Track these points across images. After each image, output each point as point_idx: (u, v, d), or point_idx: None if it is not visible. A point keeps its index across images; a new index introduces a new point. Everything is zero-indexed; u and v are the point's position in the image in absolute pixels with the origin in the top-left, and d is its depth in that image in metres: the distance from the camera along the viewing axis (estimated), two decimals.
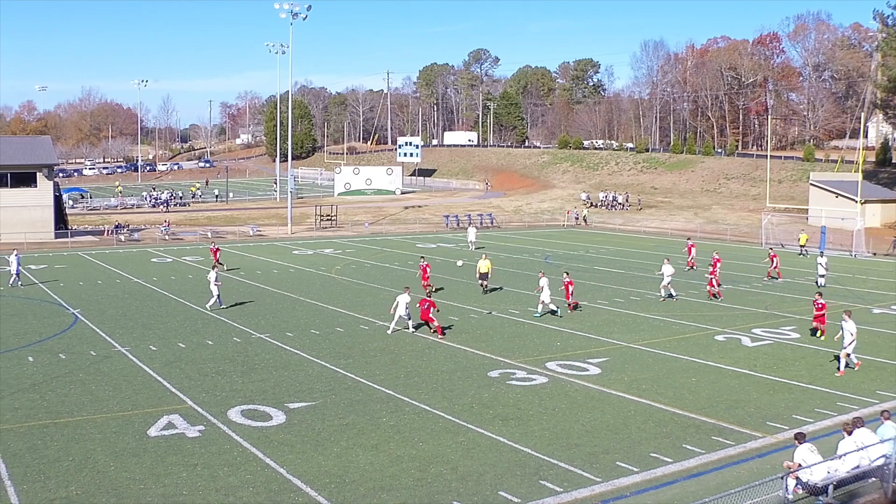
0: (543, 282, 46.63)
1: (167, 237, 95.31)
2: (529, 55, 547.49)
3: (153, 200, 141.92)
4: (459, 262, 63.95)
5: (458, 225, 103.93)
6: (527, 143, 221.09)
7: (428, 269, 54.11)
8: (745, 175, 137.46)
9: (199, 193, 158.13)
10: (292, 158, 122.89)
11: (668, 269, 50.29)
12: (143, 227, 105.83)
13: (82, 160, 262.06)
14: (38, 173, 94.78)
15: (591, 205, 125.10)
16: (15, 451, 25.60)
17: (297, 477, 23.05)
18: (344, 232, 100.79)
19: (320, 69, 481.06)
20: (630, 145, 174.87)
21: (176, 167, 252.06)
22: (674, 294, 50.88)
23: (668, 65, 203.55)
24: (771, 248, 64.67)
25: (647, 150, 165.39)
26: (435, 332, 40.82)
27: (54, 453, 25.40)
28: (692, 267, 63.93)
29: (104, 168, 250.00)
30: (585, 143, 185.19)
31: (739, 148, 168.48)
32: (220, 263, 63.72)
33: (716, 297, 51.31)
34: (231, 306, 48.76)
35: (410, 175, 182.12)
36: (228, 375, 33.93)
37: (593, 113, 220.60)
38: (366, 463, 24.01)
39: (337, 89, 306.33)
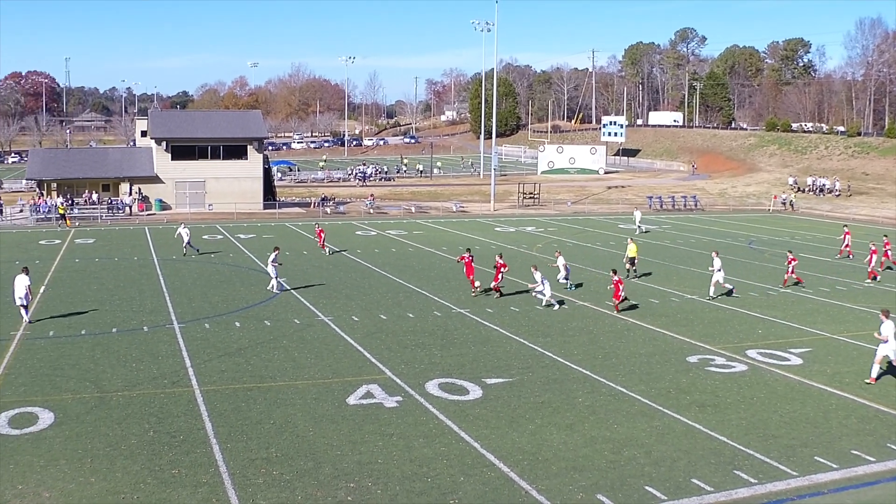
0: (560, 262, 47.08)
1: (372, 211, 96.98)
2: (737, 35, 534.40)
3: (359, 174, 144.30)
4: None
5: (661, 206, 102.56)
6: (733, 125, 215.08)
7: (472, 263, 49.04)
8: None
9: (405, 169, 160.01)
10: (496, 136, 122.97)
11: (717, 263, 46.61)
12: (348, 200, 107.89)
13: (291, 134, 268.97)
14: (248, 146, 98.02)
15: (799, 190, 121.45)
16: (221, 412, 26.65)
17: (491, 452, 23.25)
18: (546, 210, 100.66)
19: (525, 47, 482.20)
20: (841, 129, 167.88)
21: (381, 142, 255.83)
22: (732, 288, 47.22)
23: (885, 44, 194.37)
24: (872, 244, 59.65)
25: (859, 134, 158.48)
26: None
27: (257, 415, 26.30)
28: (849, 255, 61.35)
29: (311, 142, 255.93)
30: (794, 125, 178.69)
31: None
32: (324, 247, 63.83)
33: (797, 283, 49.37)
34: (433, 280, 49.21)
35: (614, 154, 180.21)
36: (427, 348, 34.43)
37: (803, 94, 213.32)
38: (559, 442, 24.03)
39: (542, 67, 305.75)
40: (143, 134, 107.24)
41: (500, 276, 44.97)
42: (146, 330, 38.53)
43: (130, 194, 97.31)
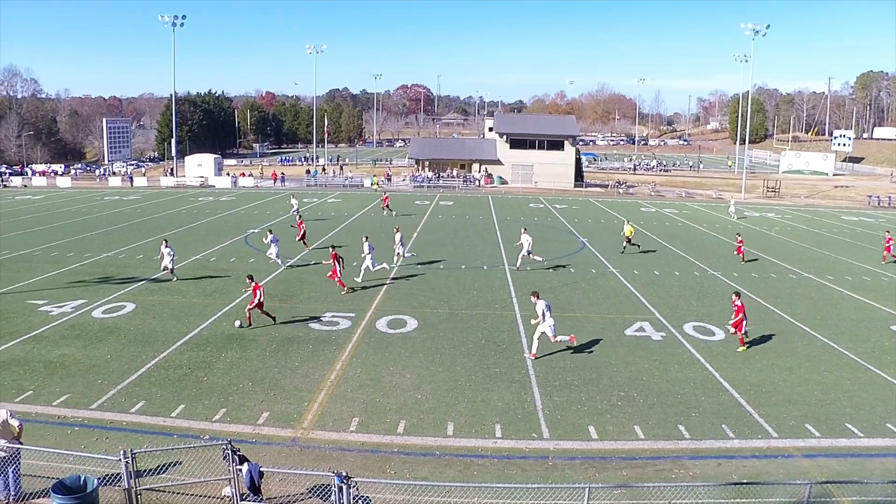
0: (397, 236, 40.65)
1: (653, 193, 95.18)
2: None
3: (645, 165, 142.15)
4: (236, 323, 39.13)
5: (878, 204, 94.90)
6: None
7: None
8: None
9: (669, 164, 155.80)
10: (748, 142, 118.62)
11: (526, 240, 39.61)
12: (635, 184, 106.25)
13: (596, 134, 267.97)
14: (565, 141, 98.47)
15: None
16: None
17: (727, 381, 22.50)
18: (784, 201, 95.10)
19: (774, 73, 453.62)
20: None
21: (662, 143, 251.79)
22: (520, 265, 39.60)
23: None
24: (888, 232, 49.05)
25: None
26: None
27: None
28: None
29: (611, 140, 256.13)
30: None
31: None
32: (390, 209, 63.82)
33: None
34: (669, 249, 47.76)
35: (842, 161, 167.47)
36: (687, 299, 33.54)
37: None
38: (780, 380, 22.88)
39: (786, 90, 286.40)
40: (490, 130, 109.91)
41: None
42: (485, 268, 39.50)
43: (479, 172, 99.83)
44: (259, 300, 27.06)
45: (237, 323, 27.46)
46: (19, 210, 67.46)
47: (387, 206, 65.02)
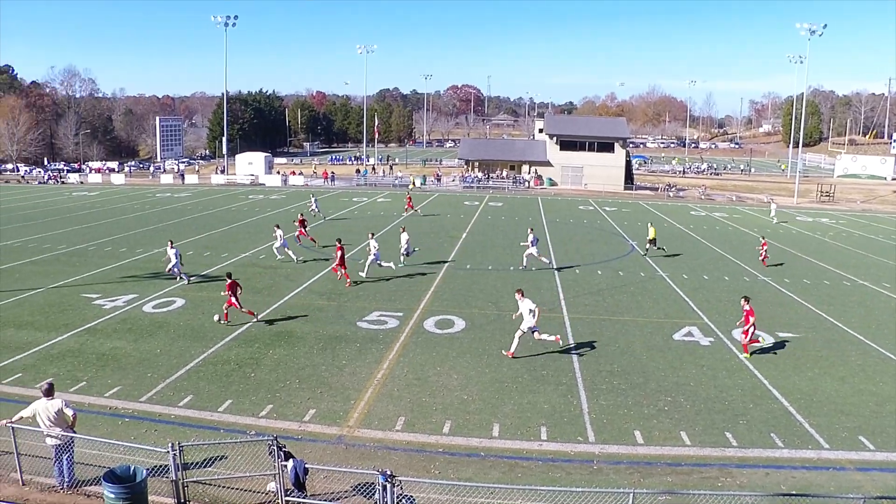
0: (403, 237, 39.95)
1: (703, 197, 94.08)
2: None
3: (696, 168, 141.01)
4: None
5: None
6: None
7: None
8: None
9: (720, 167, 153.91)
10: (802, 146, 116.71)
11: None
12: (686, 188, 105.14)
13: (646, 136, 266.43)
14: (615, 143, 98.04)
15: None
16: (581, 334, 26.91)
17: (776, 388, 22.07)
18: (838, 206, 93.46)
19: (830, 75, 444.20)
20: None
21: (713, 146, 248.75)
22: (552, 265, 40.46)
23: None
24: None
25: None
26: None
27: (606, 339, 26.32)
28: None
29: (661, 143, 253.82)
30: None
31: None
32: (412, 209, 64.27)
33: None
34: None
35: None
36: (736, 304, 32.77)
37: None
38: (832, 389, 22.37)
39: (843, 92, 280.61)
40: (540, 131, 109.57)
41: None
42: (533, 269, 39.33)
43: (529, 173, 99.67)
44: (234, 297, 27.31)
45: (216, 317, 27.92)
46: (76, 206, 68.98)
47: (410, 207, 65.72)
